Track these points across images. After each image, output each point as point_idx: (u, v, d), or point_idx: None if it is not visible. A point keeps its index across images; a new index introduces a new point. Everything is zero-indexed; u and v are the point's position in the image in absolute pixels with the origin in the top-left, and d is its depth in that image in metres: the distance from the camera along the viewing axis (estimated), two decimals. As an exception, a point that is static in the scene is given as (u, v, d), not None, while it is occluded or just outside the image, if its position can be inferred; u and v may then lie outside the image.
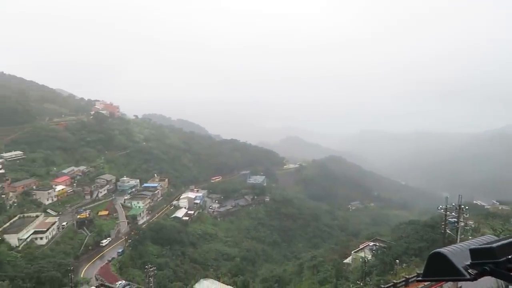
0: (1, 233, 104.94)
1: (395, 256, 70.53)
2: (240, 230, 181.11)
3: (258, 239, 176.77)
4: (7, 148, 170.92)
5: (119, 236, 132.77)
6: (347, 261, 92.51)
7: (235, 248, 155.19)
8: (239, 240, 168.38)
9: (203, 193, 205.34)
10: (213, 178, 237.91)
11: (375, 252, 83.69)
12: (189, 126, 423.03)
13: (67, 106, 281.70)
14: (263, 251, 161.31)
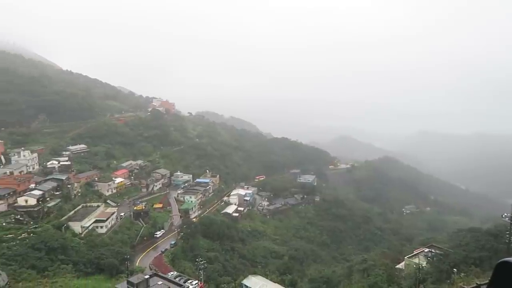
0: (66, 220, 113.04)
1: (453, 265, 66.80)
2: (289, 229, 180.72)
3: (307, 238, 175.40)
4: (73, 141, 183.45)
5: (172, 228, 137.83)
6: (400, 266, 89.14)
7: (283, 247, 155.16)
8: (287, 239, 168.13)
9: (253, 190, 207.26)
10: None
11: (430, 259, 79.79)
12: (240, 124, 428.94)
13: (127, 103, 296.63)
14: (311, 251, 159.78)
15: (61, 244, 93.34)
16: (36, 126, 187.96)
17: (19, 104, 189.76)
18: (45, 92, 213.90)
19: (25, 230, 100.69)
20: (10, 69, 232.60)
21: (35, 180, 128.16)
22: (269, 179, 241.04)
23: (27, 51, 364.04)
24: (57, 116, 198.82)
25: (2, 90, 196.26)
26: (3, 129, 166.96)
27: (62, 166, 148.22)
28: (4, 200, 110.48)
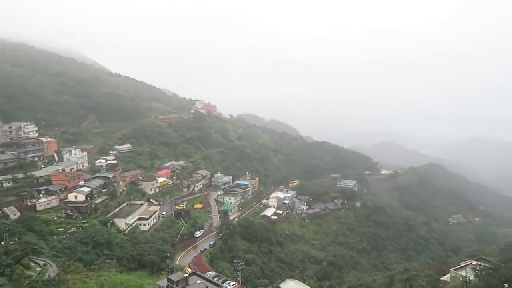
0: (112, 217, 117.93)
1: (504, 280, 62.92)
2: (328, 234, 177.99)
3: (346, 244, 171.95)
4: (120, 141, 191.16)
5: (211, 229, 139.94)
6: (445, 278, 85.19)
7: (322, 252, 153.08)
8: (326, 244, 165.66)
9: (292, 193, 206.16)
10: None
11: (479, 273, 75.53)
12: (281, 127, 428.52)
13: (171, 104, 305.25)
14: (351, 257, 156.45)
15: (107, 239, 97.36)
16: (86, 126, 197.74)
17: (71, 105, 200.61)
18: (95, 93, 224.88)
19: (74, 224, 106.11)
20: (64, 72, 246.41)
21: (84, 177, 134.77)
22: (308, 183, 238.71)
23: (80, 55, 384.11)
24: (106, 117, 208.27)
25: (57, 92, 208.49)
26: (56, 129, 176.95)
27: (109, 165, 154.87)
28: (56, 195, 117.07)
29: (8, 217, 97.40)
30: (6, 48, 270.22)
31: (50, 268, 73.76)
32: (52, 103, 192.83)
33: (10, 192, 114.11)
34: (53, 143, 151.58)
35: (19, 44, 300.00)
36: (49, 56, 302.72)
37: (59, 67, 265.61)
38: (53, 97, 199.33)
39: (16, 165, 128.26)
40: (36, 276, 68.45)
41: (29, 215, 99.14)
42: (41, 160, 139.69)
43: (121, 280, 78.73)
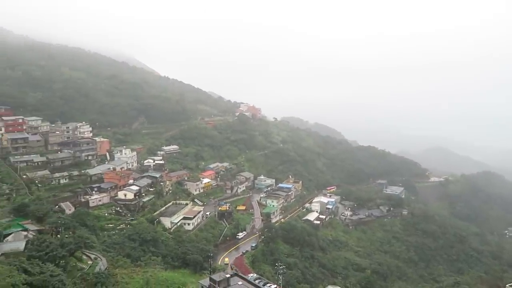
0: (158, 215, 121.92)
1: None
2: (373, 242, 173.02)
3: (392, 253, 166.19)
4: (167, 142, 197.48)
5: (254, 231, 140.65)
6: (500, 294, 79.96)
7: (366, 260, 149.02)
8: (370, 252, 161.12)
9: (336, 198, 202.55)
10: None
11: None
12: (325, 131, 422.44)
13: (216, 107, 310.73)
14: (396, 267, 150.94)
15: (153, 237, 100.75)
16: (136, 127, 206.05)
17: (122, 106, 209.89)
18: (144, 96, 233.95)
19: (123, 221, 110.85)
20: (117, 75, 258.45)
21: (133, 176, 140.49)
22: (353, 188, 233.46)
23: (131, 59, 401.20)
24: (154, 118, 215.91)
25: (110, 94, 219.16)
26: (109, 129, 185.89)
27: (157, 165, 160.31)
28: (107, 193, 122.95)
29: (64, 212, 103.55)
30: (65, 53, 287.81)
31: (100, 262, 77.44)
32: (105, 105, 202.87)
33: (66, 188, 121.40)
34: (106, 142, 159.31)
35: (77, 48, 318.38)
36: (103, 60, 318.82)
37: (112, 70, 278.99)
38: (106, 99, 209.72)
39: (72, 163, 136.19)
40: (87, 269, 72.11)
41: (82, 211, 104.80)
42: (95, 158, 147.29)
43: (166, 277, 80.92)
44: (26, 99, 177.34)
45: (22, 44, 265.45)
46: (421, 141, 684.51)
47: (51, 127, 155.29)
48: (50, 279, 55.39)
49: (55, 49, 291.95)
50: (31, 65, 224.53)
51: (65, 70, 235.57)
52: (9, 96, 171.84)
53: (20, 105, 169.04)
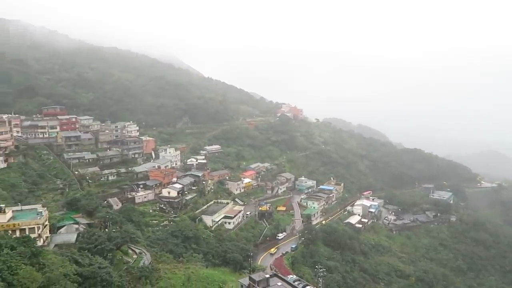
0: (200, 213, 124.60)
1: None
2: (417, 248, 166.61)
3: (438, 261, 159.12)
4: (209, 142, 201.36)
5: (294, 232, 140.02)
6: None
7: (410, 266, 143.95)
8: (415, 258, 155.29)
9: (379, 202, 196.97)
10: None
11: None
12: (368, 132, 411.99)
13: (258, 107, 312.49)
14: (443, 275, 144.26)
15: (195, 234, 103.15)
16: (180, 127, 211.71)
17: (168, 107, 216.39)
18: (188, 96, 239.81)
19: (166, 218, 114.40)
20: (163, 77, 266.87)
21: (177, 174, 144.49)
22: (397, 192, 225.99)
23: (177, 60, 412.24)
24: (198, 118, 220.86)
25: (156, 95, 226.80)
26: (154, 128, 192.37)
27: (199, 164, 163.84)
28: (152, 190, 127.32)
29: (111, 207, 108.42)
30: (115, 56, 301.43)
31: (145, 257, 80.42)
32: (152, 105, 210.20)
33: (114, 185, 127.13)
34: (151, 141, 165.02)
35: (126, 51, 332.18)
36: (150, 62, 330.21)
37: (158, 72, 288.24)
38: (152, 100, 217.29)
39: (119, 161, 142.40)
40: (133, 263, 75.15)
41: (129, 207, 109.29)
42: (141, 157, 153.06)
43: (206, 274, 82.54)
44: (79, 99, 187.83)
45: (76, 48, 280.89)
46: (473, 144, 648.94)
47: (101, 126, 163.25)
48: (98, 271, 58.27)
49: (106, 52, 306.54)
50: (84, 67, 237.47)
51: (115, 72, 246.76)
52: (64, 97, 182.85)
53: (74, 105, 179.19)
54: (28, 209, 78.44)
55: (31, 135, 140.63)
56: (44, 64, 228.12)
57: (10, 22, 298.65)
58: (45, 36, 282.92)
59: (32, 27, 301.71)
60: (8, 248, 51.05)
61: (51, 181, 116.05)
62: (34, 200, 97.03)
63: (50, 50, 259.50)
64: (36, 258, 52.19)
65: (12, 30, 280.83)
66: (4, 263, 45.14)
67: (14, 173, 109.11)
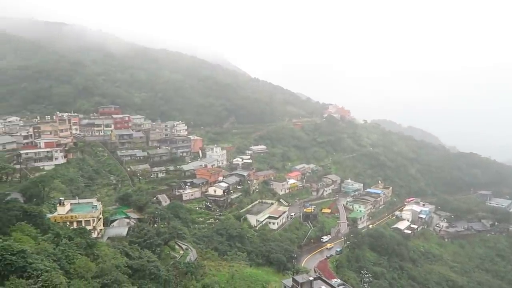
0: (244, 212, 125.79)
1: None
2: (471, 258, 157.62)
3: (495, 272, 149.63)
4: (255, 142, 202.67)
5: (339, 235, 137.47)
6: None
7: (463, 277, 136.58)
8: (469, 269, 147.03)
9: (430, 208, 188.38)
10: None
11: None
12: (419, 135, 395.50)
13: (304, 108, 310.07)
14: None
15: (239, 233, 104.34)
16: (227, 127, 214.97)
17: (215, 106, 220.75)
18: (235, 97, 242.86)
19: (212, 216, 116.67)
20: (211, 77, 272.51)
21: (223, 173, 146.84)
22: (449, 198, 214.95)
23: (225, 61, 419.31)
24: (244, 118, 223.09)
25: (204, 95, 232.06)
26: (202, 128, 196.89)
27: (245, 164, 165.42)
28: (199, 188, 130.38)
29: (160, 203, 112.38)
30: (166, 57, 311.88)
31: (191, 253, 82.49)
32: (200, 105, 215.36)
33: (163, 182, 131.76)
34: (199, 141, 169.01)
35: (176, 53, 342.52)
36: (199, 62, 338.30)
37: (207, 72, 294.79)
38: (201, 100, 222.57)
39: (168, 159, 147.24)
40: (179, 258, 77.31)
41: (176, 204, 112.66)
42: (189, 155, 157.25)
43: (250, 273, 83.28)
44: (132, 99, 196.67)
45: (130, 50, 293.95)
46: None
47: (152, 125, 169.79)
48: (147, 264, 60.57)
49: (158, 53, 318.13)
50: (137, 69, 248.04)
51: (165, 73, 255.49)
52: (118, 96, 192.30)
53: (127, 104, 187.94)
54: (85, 203, 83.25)
55: (88, 132, 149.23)
56: (100, 65, 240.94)
57: (69, 27, 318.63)
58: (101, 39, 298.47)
59: (89, 31, 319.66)
60: (66, 238, 54.40)
61: (105, 176, 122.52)
62: (90, 194, 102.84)
63: (105, 52, 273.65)
64: (91, 249, 55.17)
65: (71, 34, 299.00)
66: (62, 252, 48.09)
67: (72, 168, 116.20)
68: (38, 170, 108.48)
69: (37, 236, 51.37)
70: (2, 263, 37.94)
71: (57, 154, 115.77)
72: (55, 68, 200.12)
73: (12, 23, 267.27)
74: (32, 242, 47.21)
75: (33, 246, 45.38)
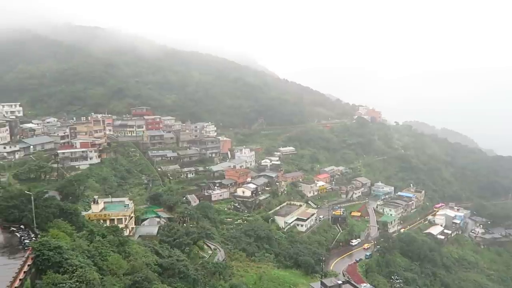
0: (272, 214, 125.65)
1: None
2: (510, 266, 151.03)
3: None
4: (284, 143, 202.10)
5: (368, 239, 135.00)
6: None
7: (500, 286, 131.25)
8: (507, 278, 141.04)
9: (465, 213, 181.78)
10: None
11: None
12: (454, 137, 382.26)
13: (334, 110, 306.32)
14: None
15: (267, 234, 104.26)
16: (256, 128, 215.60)
17: (244, 108, 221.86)
18: (264, 98, 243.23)
19: (240, 217, 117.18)
20: (240, 78, 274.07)
21: (251, 175, 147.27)
22: (486, 203, 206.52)
23: (254, 62, 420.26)
24: (272, 120, 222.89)
25: (233, 96, 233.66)
26: (231, 129, 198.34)
27: (273, 165, 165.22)
28: (228, 189, 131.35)
29: (189, 203, 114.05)
30: (196, 59, 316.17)
31: (219, 253, 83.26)
32: (229, 107, 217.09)
33: (193, 182, 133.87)
34: (228, 142, 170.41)
35: (206, 55, 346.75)
36: (228, 64, 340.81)
37: (236, 74, 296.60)
38: (230, 101, 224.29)
39: (198, 159, 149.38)
40: (208, 258, 78.18)
41: (205, 204, 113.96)
42: (218, 156, 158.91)
43: (278, 275, 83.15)
44: (163, 101, 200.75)
45: (162, 52, 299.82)
46: None
47: (182, 126, 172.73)
48: (176, 263, 61.67)
49: (188, 55, 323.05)
50: (168, 71, 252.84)
51: (195, 74, 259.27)
52: (150, 98, 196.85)
53: (158, 105, 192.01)
54: (117, 201, 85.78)
55: (121, 133, 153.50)
56: (133, 67, 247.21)
57: (103, 30, 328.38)
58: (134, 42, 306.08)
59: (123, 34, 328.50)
60: (100, 235, 56.16)
61: (137, 176, 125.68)
62: (122, 193, 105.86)
63: (138, 55, 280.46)
64: (122, 247, 56.69)
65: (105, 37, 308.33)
66: (96, 249, 49.69)
67: (106, 167, 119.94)
68: (74, 169, 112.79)
69: (73, 232, 53.29)
70: (40, 258, 39.67)
71: (91, 154, 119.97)
72: (90, 70, 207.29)
73: (52, 28, 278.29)
74: (68, 238, 48.98)
75: (69, 242, 47.09)
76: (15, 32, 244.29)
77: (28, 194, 54.34)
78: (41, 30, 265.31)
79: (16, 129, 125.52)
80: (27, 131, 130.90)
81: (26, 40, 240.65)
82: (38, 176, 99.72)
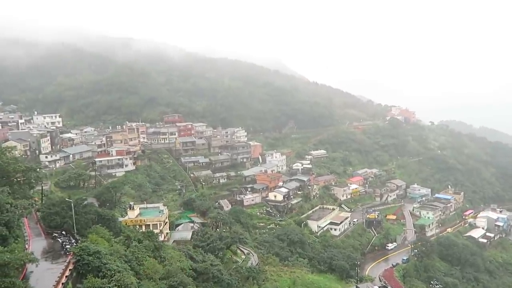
0: (305, 218, 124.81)
1: None
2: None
3: None
4: (315, 147, 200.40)
5: (405, 243, 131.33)
6: None
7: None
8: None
9: (508, 215, 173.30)
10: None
11: None
12: (494, 136, 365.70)
13: (365, 111, 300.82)
14: None
15: (300, 239, 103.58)
16: (286, 132, 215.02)
17: (274, 112, 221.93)
18: (294, 102, 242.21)
19: (272, 221, 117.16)
20: (269, 83, 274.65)
21: (283, 179, 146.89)
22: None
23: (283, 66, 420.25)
24: (303, 123, 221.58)
25: (263, 101, 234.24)
26: (261, 134, 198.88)
27: (305, 169, 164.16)
28: (259, 193, 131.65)
29: (222, 208, 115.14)
30: (226, 65, 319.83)
31: (252, 258, 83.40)
32: (259, 111, 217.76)
33: (225, 187, 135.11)
34: (258, 146, 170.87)
35: (235, 61, 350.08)
36: (258, 69, 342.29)
37: (265, 78, 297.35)
38: (260, 106, 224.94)
39: (229, 165, 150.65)
40: (241, 262, 78.50)
41: (238, 209, 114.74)
42: (249, 161, 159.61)
43: (312, 280, 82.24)
44: (194, 107, 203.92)
45: (192, 59, 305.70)
46: None
47: (213, 132, 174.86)
48: (210, 267, 62.31)
49: (218, 62, 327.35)
50: (199, 78, 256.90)
51: (225, 80, 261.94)
52: (182, 105, 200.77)
53: (190, 112, 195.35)
54: (152, 207, 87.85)
55: (154, 140, 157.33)
56: (165, 76, 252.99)
57: (136, 40, 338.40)
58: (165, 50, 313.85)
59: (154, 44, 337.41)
60: (136, 241, 57.67)
61: (171, 182, 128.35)
62: (157, 199, 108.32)
63: (169, 63, 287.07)
64: (158, 252, 57.94)
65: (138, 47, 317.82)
66: (133, 254, 51.02)
67: (141, 174, 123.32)
68: (110, 176, 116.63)
69: (110, 238, 54.97)
70: (81, 263, 41.22)
71: (127, 161, 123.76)
72: (124, 80, 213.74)
73: (88, 41, 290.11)
74: (106, 243, 50.58)
75: (107, 247, 48.62)
76: (55, 45, 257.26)
77: (68, 201, 56.72)
78: (78, 43, 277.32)
79: (56, 139, 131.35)
80: (66, 141, 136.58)
81: (64, 54, 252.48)
82: (78, 183, 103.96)
